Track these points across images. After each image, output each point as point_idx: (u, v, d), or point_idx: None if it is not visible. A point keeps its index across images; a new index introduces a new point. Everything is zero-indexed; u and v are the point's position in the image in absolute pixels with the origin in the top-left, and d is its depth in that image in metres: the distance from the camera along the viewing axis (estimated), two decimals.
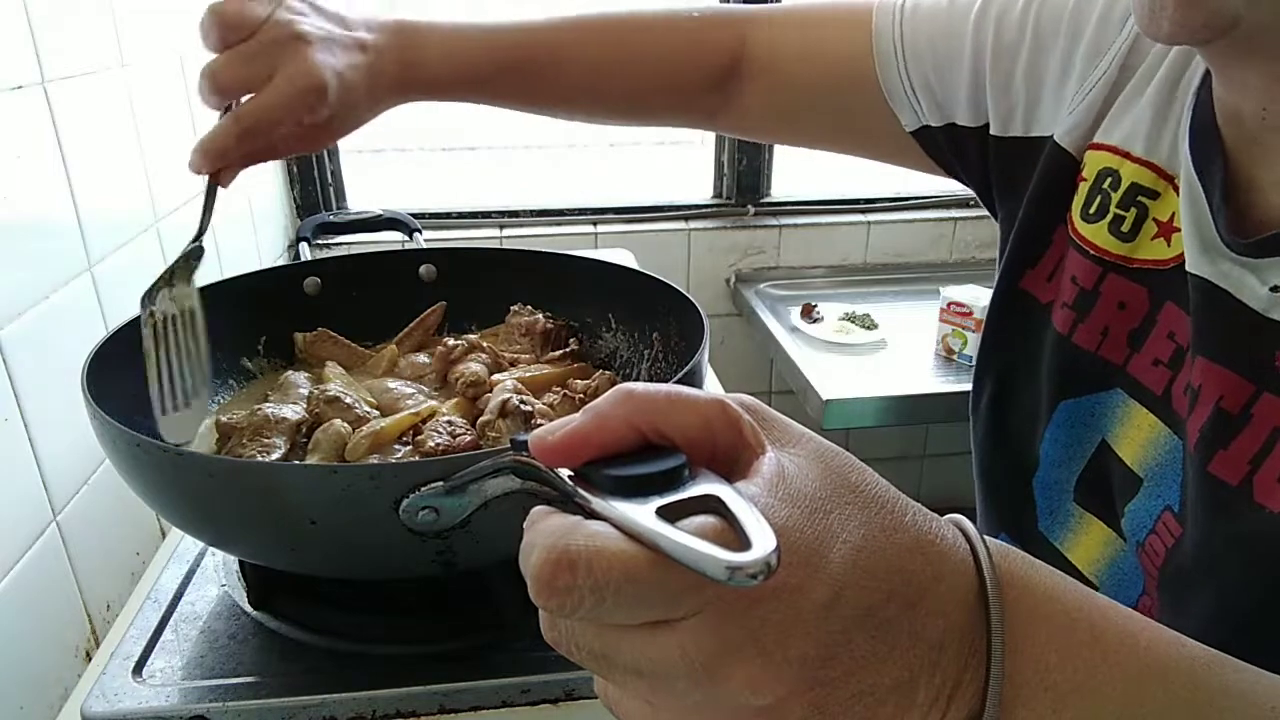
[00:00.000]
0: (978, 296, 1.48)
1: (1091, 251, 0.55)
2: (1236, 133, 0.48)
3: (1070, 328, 0.56)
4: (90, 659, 0.77)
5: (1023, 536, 0.62)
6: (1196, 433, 0.47)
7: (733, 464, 0.29)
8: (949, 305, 1.50)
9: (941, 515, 0.32)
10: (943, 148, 0.66)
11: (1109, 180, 0.55)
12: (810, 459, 0.29)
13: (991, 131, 0.62)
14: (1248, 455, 0.45)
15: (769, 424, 0.30)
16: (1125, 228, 0.54)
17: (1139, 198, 0.53)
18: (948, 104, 0.63)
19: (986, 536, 0.31)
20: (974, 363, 0.66)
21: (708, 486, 0.26)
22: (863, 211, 1.87)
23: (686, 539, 0.23)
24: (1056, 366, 0.57)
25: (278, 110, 0.58)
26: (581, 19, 0.72)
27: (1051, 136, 0.58)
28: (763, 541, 0.23)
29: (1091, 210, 0.55)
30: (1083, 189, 0.56)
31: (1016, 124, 0.60)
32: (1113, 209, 0.54)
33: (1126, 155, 0.54)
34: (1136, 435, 0.53)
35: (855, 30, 0.66)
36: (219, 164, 0.60)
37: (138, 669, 0.60)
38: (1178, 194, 0.51)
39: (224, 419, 0.69)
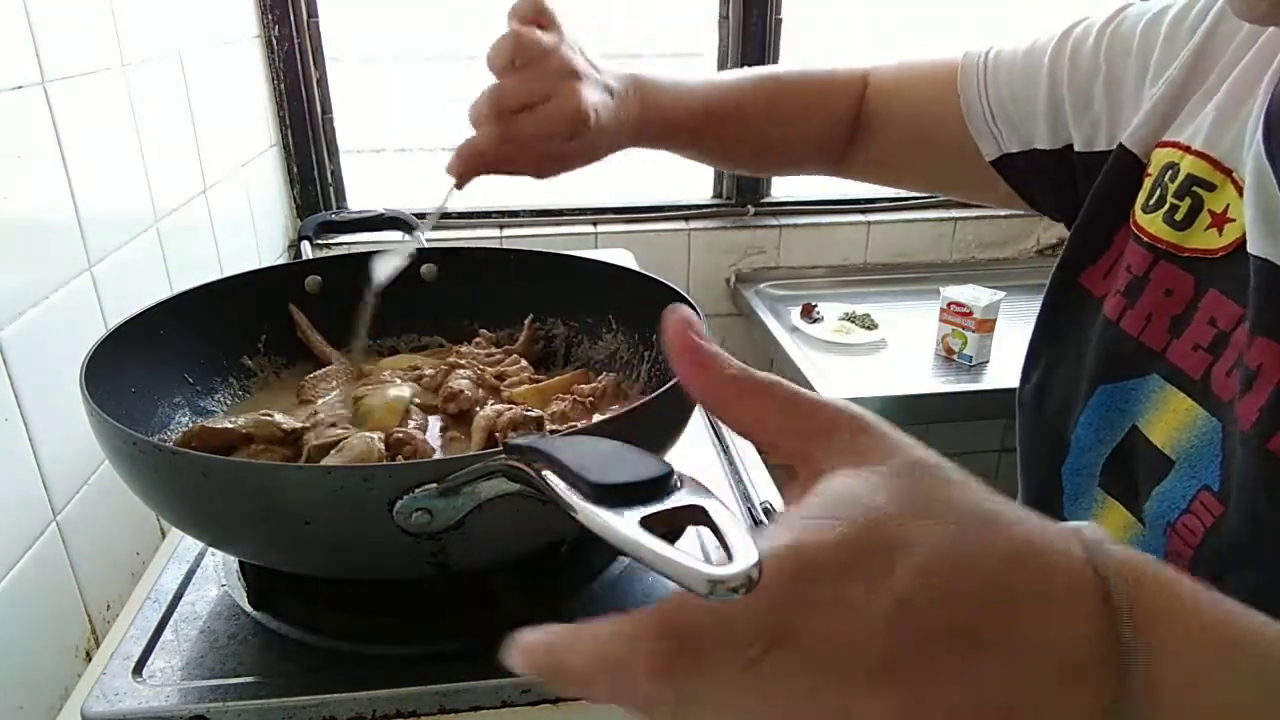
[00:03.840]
0: (978, 296, 1.48)
1: (1145, 239, 0.58)
2: None
3: (1119, 314, 0.59)
4: (90, 659, 0.77)
5: None
6: (1256, 412, 0.48)
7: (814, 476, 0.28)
8: (949, 305, 1.50)
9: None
10: (1022, 172, 0.70)
11: (1169, 173, 0.57)
12: (895, 474, 0.28)
13: (1076, 149, 0.66)
14: None
15: (862, 436, 0.30)
16: (1179, 216, 0.56)
17: (1194, 188, 0.55)
18: (1027, 131, 0.69)
19: (1116, 544, 0.29)
20: (1024, 354, 0.70)
21: (694, 497, 0.26)
22: (863, 211, 1.87)
23: (667, 550, 0.23)
24: (1102, 351, 0.59)
25: (548, 128, 0.65)
26: (752, 75, 0.81)
27: (1121, 138, 0.62)
28: (745, 554, 0.23)
29: (1151, 201, 0.58)
30: (1147, 184, 0.59)
31: (1100, 140, 0.64)
32: (1169, 199, 0.57)
33: (1187, 149, 0.56)
34: (1171, 419, 0.54)
35: (945, 73, 0.74)
36: (474, 169, 0.68)
37: (138, 669, 0.60)
38: (1235, 187, 0.53)
39: (230, 422, 0.69)
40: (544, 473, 0.31)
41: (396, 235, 1.24)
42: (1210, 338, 0.53)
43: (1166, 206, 0.57)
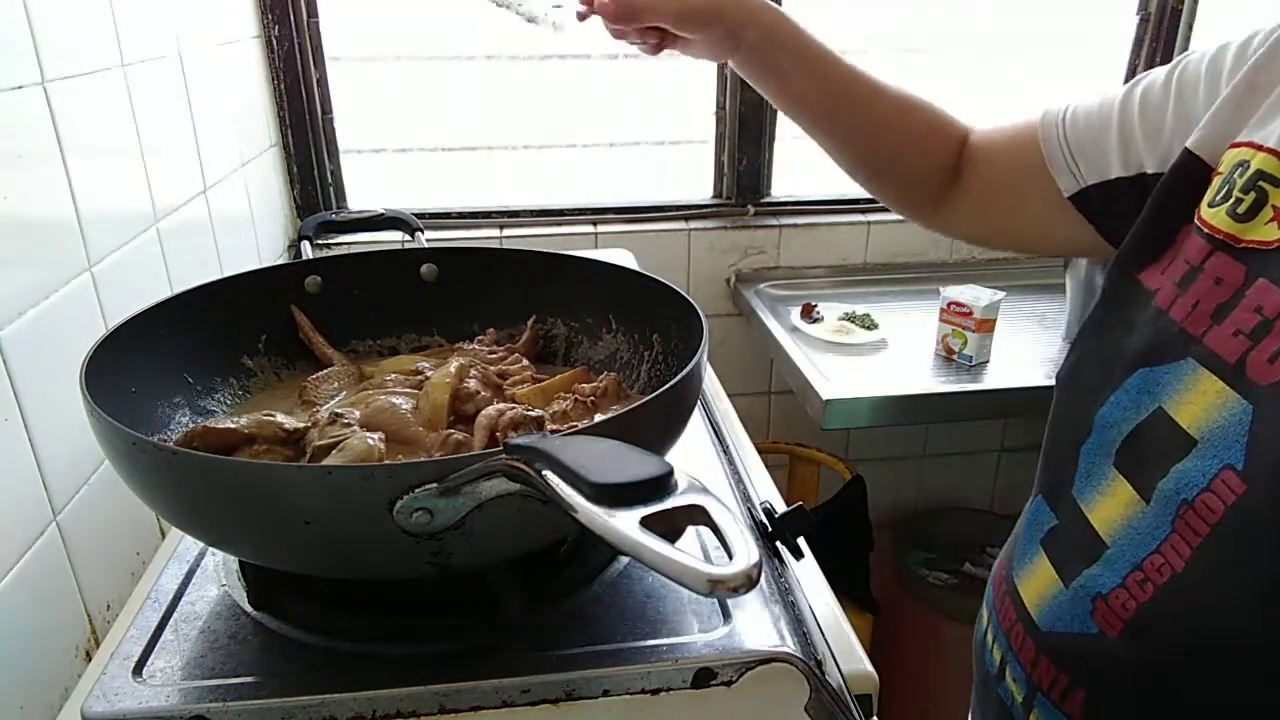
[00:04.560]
0: (978, 296, 1.48)
1: (1206, 230, 0.59)
2: None
3: (1170, 302, 0.60)
4: (90, 659, 0.77)
5: (1057, 501, 0.66)
6: None
7: None
8: (949, 305, 1.50)
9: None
10: (1096, 206, 0.73)
11: (1239, 169, 0.59)
12: None
13: (1149, 172, 0.68)
14: None
15: None
16: (1242, 209, 0.57)
17: (1260, 183, 0.57)
18: (1103, 163, 0.72)
19: None
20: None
21: (693, 496, 0.26)
22: (863, 211, 1.87)
23: (667, 550, 0.23)
24: (1148, 335, 0.61)
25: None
26: (887, 83, 0.84)
27: (1187, 143, 0.64)
28: (745, 553, 0.23)
29: (1218, 196, 0.60)
30: (1216, 181, 0.60)
31: (1172, 160, 0.66)
32: (1235, 193, 0.58)
33: (1260, 147, 0.58)
34: (1200, 400, 0.56)
35: (1028, 128, 0.78)
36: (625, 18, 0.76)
37: (138, 669, 0.60)
38: None
39: (232, 422, 0.69)
40: (544, 473, 0.31)
41: (396, 235, 1.24)
42: (1253, 324, 0.54)
43: (1231, 200, 0.58)
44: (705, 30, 0.73)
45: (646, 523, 0.25)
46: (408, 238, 1.22)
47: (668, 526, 0.25)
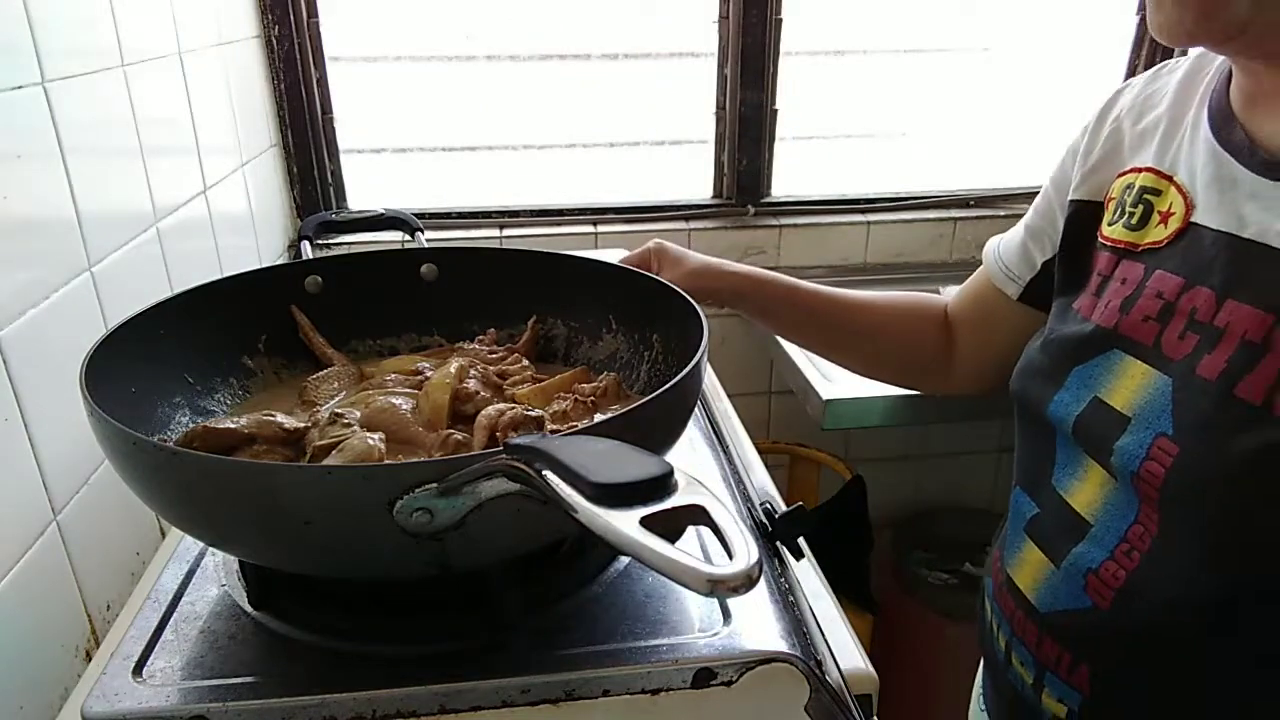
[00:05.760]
0: None
1: (1109, 244, 0.71)
2: (1249, 106, 0.62)
3: (1091, 310, 0.70)
4: (90, 659, 0.77)
5: (1036, 490, 0.73)
6: (1223, 363, 0.58)
7: None
8: None
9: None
10: (1042, 294, 0.82)
11: (1127, 190, 0.71)
12: None
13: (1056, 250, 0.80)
14: (1269, 379, 0.55)
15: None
16: (1135, 220, 0.69)
17: (1145, 196, 0.69)
18: (1030, 259, 0.84)
19: None
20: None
21: (693, 497, 0.26)
22: (863, 211, 1.86)
23: (667, 550, 0.23)
24: (1078, 339, 0.69)
25: None
26: (864, 295, 0.97)
27: (1069, 199, 0.77)
28: (745, 553, 0.23)
29: (1114, 216, 0.71)
30: (1110, 205, 0.72)
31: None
32: (1127, 208, 0.70)
33: (1139, 169, 0.70)
34: (1129, 384, 0.64)
35: (980, 270, 0.91)
36: None
37: (138, 669, 0.60)
38: (1175, 187, 0.66)
39: (232, 422, 0.69)
40: (544, 473, 0.31)
41: (396, 235, 1.24)
42: (1158, 309, 0.63)
43: (1125, 215, 0.70)
44: (704, 303, 0.79)
45: (646, 523, 0.25)
46: (408, 238, 1.22)
47: (668, 526, 0.25)
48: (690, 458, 0.88)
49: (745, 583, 0.22)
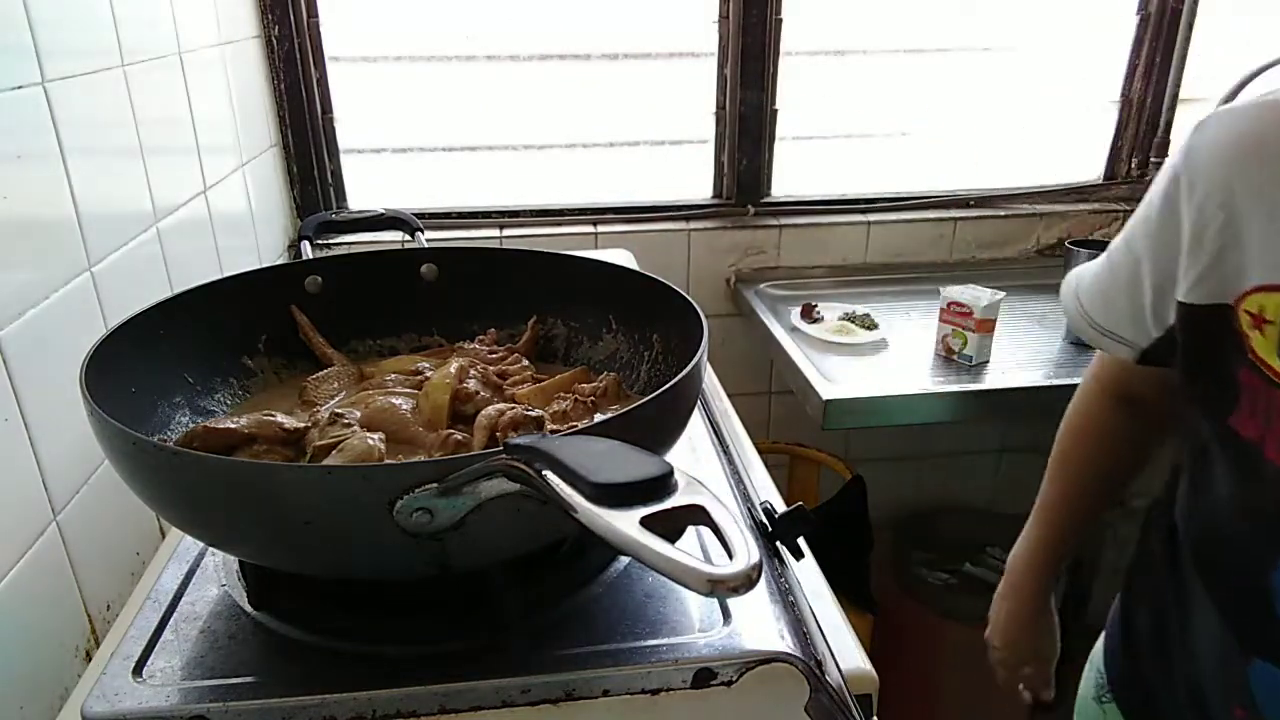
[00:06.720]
0: (978, 296, 1.48)
1: (1263, 369, 0.62)
2: None
3: (1266, 445, 0.62)
4: (90, 659, 0.77)
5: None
6: None
7: None
8: (949, 305, 1.50)
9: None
10: (1162, 358, 0.76)
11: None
12: None
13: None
14: None
15: None
16: None
17: None
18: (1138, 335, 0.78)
19: None
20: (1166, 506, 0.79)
21: (693, 497, 0.26)
22: (863, 211, 1.86)
23: (667, 550, 0.23)
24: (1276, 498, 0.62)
25: None
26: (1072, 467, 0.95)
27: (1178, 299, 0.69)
28: (745, 553, 0.23)
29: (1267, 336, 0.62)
30: (1270, 332, 0.62)
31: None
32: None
33: (1275, 288, 0.61)
34: None
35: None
36: None
37: (138, 669, 0.60)
38: None
39: (233, 422, 0.69)
40: (544, 473, 0.31)
41: (396, 235, 1.24)
42: None
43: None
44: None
45: (646, 523, 0.25)
46: (408, 238, 1.22)
47: (668, 526, 0.25)
48: (690, 458, 0.88)
49: (745, 583, 0.22)
